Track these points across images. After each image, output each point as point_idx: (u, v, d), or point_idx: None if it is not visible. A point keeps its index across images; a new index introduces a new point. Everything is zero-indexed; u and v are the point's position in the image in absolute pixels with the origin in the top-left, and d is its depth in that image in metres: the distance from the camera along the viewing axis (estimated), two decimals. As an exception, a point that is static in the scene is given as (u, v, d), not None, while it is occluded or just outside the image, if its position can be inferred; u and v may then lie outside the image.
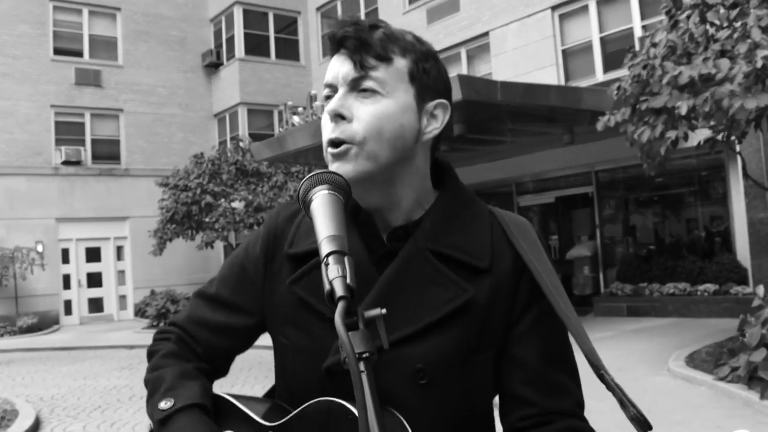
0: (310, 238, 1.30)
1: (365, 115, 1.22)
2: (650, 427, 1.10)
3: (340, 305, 0.94)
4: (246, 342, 1.43)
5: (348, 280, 0.97)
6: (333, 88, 1.26)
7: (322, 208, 1.07)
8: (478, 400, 1.28)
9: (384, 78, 1.23)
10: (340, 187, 1.12)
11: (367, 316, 0.98)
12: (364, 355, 0.93)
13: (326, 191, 1.10)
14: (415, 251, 1.26)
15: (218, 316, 1.39)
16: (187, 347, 1.40)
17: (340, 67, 1.25)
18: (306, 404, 1.21)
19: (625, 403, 1.13)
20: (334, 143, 1.24)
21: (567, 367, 1.28)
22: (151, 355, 1.42)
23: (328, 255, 1.00)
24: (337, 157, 1.24)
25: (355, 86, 1.24)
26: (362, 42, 1.23)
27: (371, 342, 0.95)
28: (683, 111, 7.69)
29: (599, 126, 9.16)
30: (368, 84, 1.23)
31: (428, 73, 1.28)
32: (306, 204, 1.11)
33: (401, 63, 1.25)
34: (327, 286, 0.97)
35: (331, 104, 1.24)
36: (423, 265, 1.25)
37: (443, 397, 1.23)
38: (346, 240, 1.03)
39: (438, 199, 1.33)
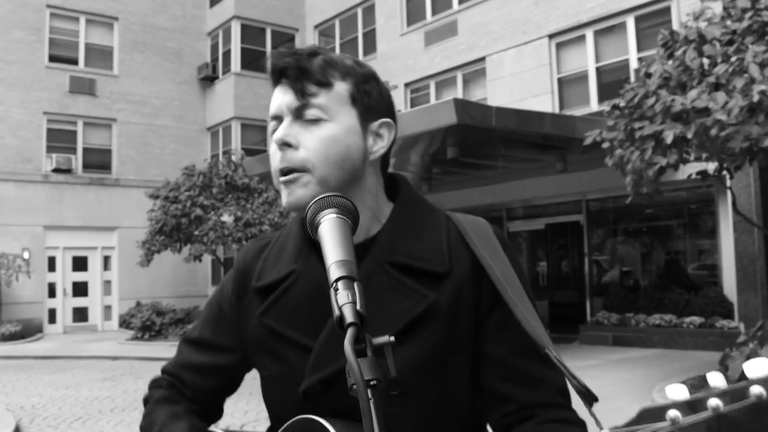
0: (275, 269, 1.36)
1: (311, 141, 1.26)
2: (596, 399, 1.09)
3: (350, 332, 0.93)
4: (233, 380, 1.48)
5: (358, 306, 0.96)
6: (278, 119, 1.30)
7: (330, 233, 1.07)
8: (456, 408, 1.28)
9: (326, 103, 1.26)
10: (348, 210, 1.11)
11: (375, 343, 0.97)
12: (372, 383, 0.92)
13: (334, 215, 1.09)
14: (373, 266, 1.28)
15: (203, 358, 1.45)
16: (178, 392, 1.45)
17: (282, 98, 1.29)
18: (286, 424, 1.26)
19: (569, 377, 1.13)
20: (284, 172, 1.28)
21: (543, 357, 1.24)
22: (146, 402, 1.47)
23: (337, 280, 1.00)
24: (287, 184, 1.29)
25: (299, 114, 1.27)
26: (302, 70, 1.26)
27: (379, 369, 0.94)
28: (669, 139, 7.80)
29: (587, 140, 9.23)
30: (311, 112, 1.26)
31: (369, 94, 1.31)
32: (314, 227, 1.10)
33: (342, 87, 1.29)
34: (336, 312, 0.96)
35: (278, 133, 1.28)
36: (382, 278, 1.27)
37: (419, 405, 1.23)
38: (356, 265, 1.03)
39: (393, 211, 1.36)
